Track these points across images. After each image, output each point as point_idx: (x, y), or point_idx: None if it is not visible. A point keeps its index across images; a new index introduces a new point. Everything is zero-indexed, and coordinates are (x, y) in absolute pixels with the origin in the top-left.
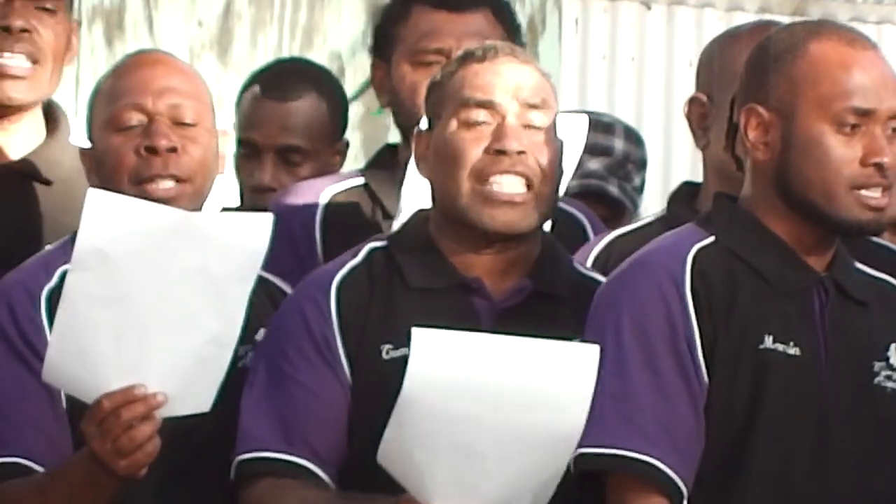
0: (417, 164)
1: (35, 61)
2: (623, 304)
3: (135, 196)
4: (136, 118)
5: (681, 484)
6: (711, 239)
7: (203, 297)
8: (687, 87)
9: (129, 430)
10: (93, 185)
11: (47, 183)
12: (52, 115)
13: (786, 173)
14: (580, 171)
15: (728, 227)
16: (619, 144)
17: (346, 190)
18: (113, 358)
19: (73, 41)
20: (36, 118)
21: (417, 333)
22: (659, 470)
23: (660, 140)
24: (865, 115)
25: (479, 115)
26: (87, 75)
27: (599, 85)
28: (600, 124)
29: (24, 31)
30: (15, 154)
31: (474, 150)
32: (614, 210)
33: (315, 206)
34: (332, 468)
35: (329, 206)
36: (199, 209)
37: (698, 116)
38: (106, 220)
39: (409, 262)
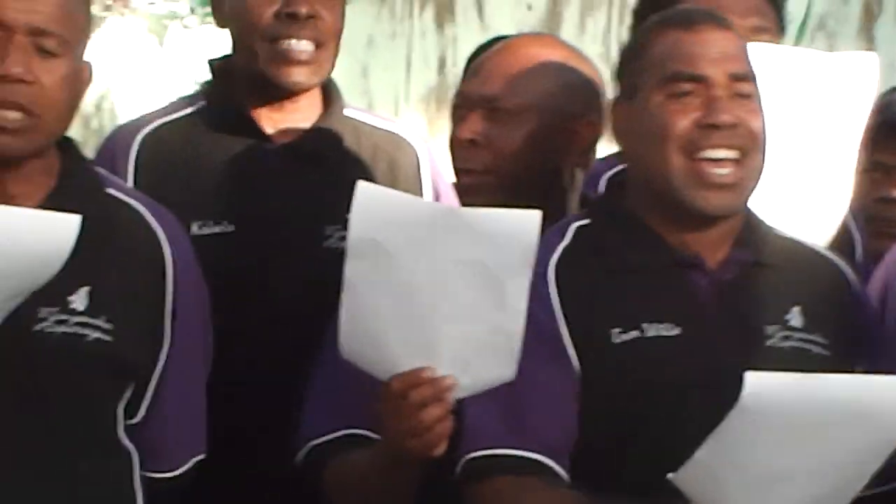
0: (617, 137)
1: (319, 45)
2: None
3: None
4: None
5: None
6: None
7: (479, 288)
8: None
9: (418, 412)
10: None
11: (324, 159)
12: (327, 91)
13: None
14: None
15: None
16: None
17: None
18: (400, 341)
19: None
20: (314, 97)
21: (750, 378)
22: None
23: None
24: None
25: (686, 87)
26: (417, 59)
27: None
28: None
29: (310, 16)
30: (292, 133)
31: (682, 122)
32: None
33: None
34: (565, 460)
35: None
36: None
37: None
38: (375, 212)
39: (622, 242)
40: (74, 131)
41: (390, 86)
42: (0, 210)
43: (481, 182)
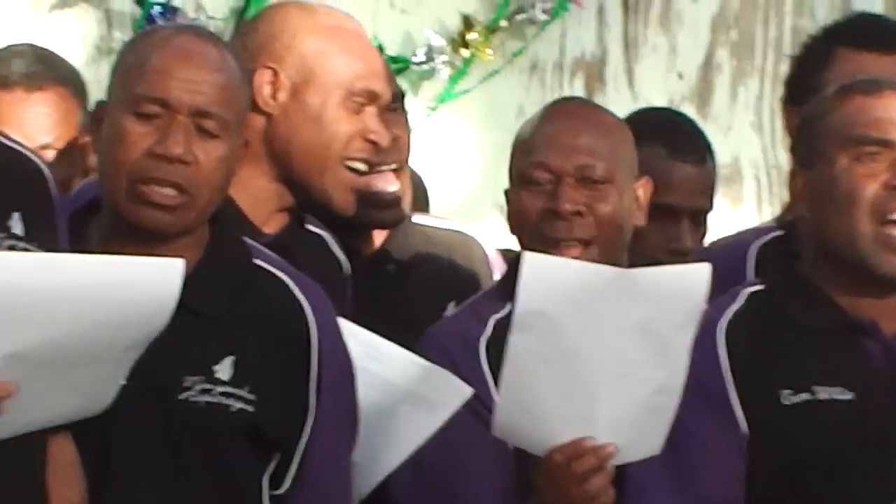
0: (794, 204)
1: (399, 167)
2: None
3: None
4: (544, 177)
5: None
6: None
7: (645, 348)
8: None
9: (581, 482)
10: None
11: (404, 267)
12: None
13: None
14: None
15: None
16: None
17: None
18: (561, 412)
19: None
20: None
21: None
22: None
23: None
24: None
25: (872, 150)
26: None
27: None
28: None
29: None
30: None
31: (870, 186)
32: None
33: None
34: None
35: None
36: None
37: None
38: (544, 282)
39: (795, 305)
40: None
41: None
42: (105, 259)
43: (588, 253)
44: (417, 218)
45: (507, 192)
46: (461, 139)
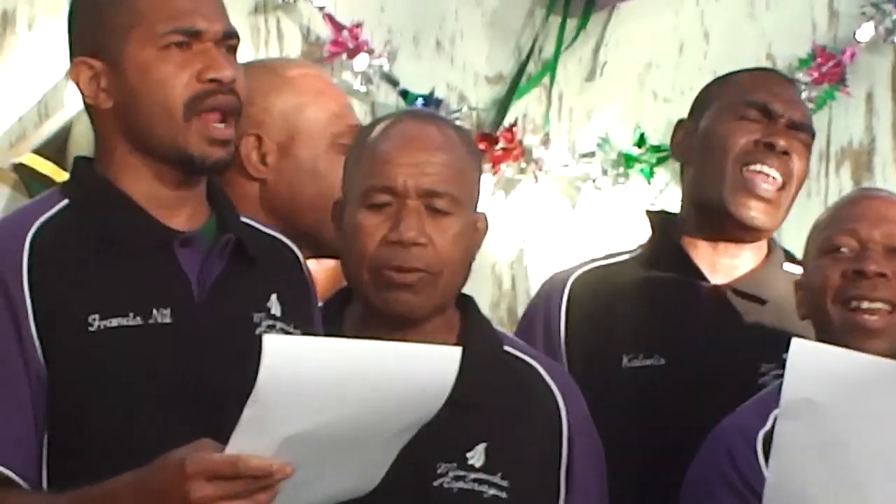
0: None
1: (783, 184)
2: None
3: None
4: (850, 244)
5: None
6: None
7: None
8: None
9: None
10: None
11: (762, 302)
12: (771, 247)
13: None
14: None
15: None
16: None
17: None
18: (830, 503)
19: None
20: (758, 251)
21: None
22: None
23: None
24: None
25: None
26: None
27: None
28: None
29: (785, 152)
30: (729, 274)
31: None
32: None
33: None
34: None
35: None
36: None
37: None
38: (810, 369)
39: None
40: (487, 290)
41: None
42: (387, 346)
43: (893, 318)
44: (791, 266)
45: (797, 283)
46: None
